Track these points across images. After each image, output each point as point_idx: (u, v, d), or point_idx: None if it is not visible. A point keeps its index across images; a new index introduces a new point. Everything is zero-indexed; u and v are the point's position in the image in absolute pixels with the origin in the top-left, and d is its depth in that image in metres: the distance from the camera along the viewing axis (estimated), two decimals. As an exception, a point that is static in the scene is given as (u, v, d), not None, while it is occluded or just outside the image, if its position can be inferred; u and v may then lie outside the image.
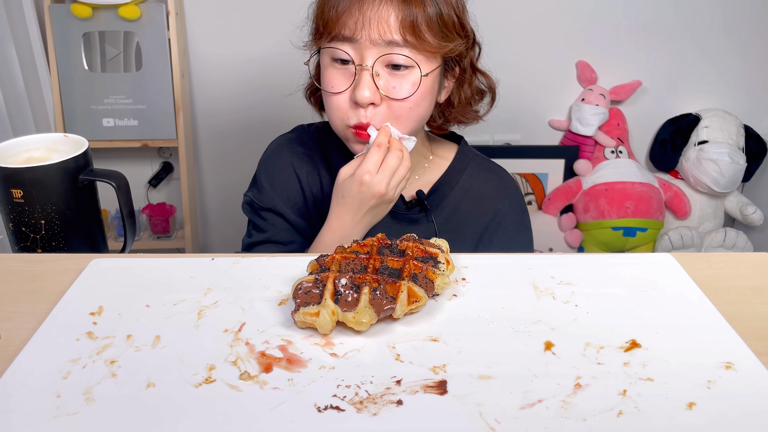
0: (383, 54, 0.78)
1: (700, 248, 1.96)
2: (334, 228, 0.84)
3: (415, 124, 0.84)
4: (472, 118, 0.92)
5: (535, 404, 0.45)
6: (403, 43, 0.77)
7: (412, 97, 0.80)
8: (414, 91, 0.79)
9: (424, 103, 0.82)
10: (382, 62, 0.78)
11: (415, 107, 0.81)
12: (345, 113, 0.82)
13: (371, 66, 0.78)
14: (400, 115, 0.81)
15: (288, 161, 0.95)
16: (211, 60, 1.91)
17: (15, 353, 0.50)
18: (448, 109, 0.90)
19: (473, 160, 0.96)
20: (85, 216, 0.68)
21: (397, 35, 0.77)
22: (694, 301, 0.57)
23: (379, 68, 0.79)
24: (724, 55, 1.98)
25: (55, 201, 0.64)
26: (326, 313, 0.51)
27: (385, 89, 0.79)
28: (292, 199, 0.94)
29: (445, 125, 0.93)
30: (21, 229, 0.63)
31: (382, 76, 0.79)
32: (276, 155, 0.97)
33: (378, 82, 0.79)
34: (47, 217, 0.63)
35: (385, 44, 0.77)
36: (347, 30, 0.78)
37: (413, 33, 0.77)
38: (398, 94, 0.79)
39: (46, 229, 0.63)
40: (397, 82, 0.79)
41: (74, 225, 0.66)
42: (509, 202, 0.95)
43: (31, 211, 0.63)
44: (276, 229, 0.94)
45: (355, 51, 0.79)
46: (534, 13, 1.90)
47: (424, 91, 0.81)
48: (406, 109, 0.80)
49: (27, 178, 0.62)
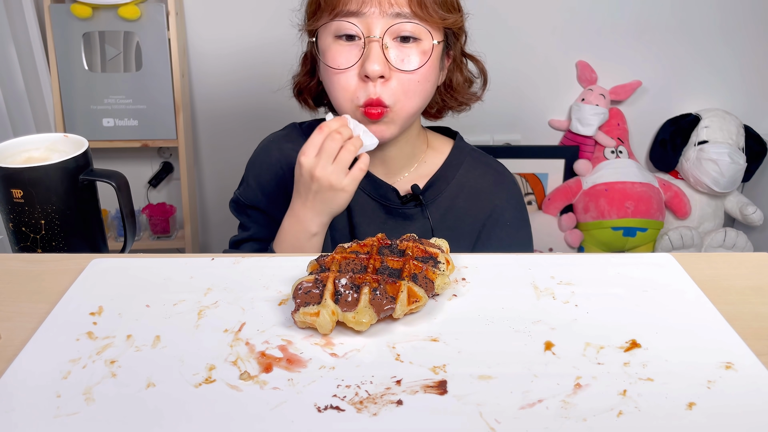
0: (392, 24, 0.77)
1: (700, 248, 1.96)
2: (290, 214, 0.83)
3: (422, 100, 0.84)
4: (472, 99, 0.93)
5: (535, 404, 0.45)
6: (410, 15, 0.78)
7: (421, 70, 0.80)
8: (425, 61, 0.79)
9: (431, 78, 0.83)
10: (391, 34, 0.78)
11: (423, 81, 0.81)
12: (353, 92, 0.80)
13: (381, 38, 0.77)
14: (408, 88, 0.80)
15: (276, 159, 0.94)
16: (211, 60, 1.91)
17: (15, 353, 0.50)
18: (449, 91, 0.91)
19: (469, 155, 0.95)
20: (85, 216, 0.68)
21: (405, 7, 0.77)
22: (694, 301, 0.57)
23: (387, 40, 0.78)
24: (724, 55, 1.98)
25: (55, 201, 0.64)
26: (326, 313, 0.51)
27: (395, 61, 0.79)
28: (280, 196, 0.93)
29: (442, 112, 0.93)
30: (21, 229, 0.63)
31: (391, 48, 0.79)
32: (264, 153, 0.96)
33: (387, 54, 0.78)
34: (47, 217, 0.63)
35: (392, 16, 0.77)
36: (353, 4, 0.77)
37: (419, 4, 0.77)
38: (408, 66, 0.79)
39: (46, 229, 0.63)
40: (406, 53, 0.79)
41: (74, 225, 0.66)
42: (507, 197, 0.93)
43: (31, 211, 0.63)
44: (259, 226, 0.94)
45: (362, 24, 0.78)
46: (534, 13, 1.90)
47: (433, 63, 0.81)
48: (414, 82, 0.80)
49: (27, 178, 0.62)
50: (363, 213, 0.91)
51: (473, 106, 0.95)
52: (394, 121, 0.82)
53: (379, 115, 0.80)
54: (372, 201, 0.91)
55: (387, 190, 0.91)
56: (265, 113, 1.95)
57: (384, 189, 0.91)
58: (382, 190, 0.91)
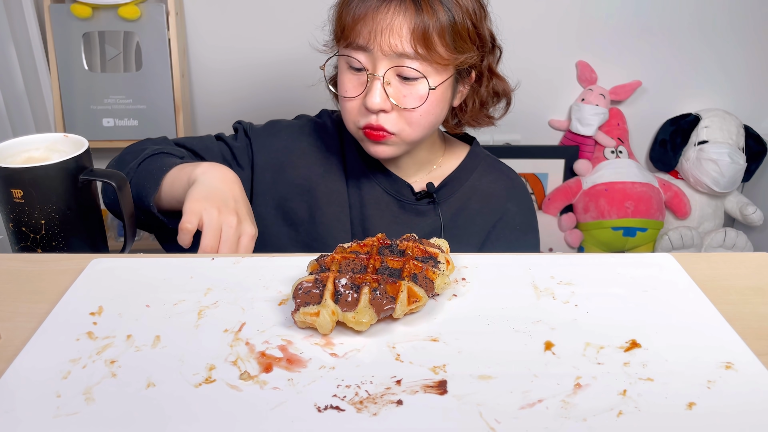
0: (393, 66, 0.79)
1: (700, 248, 1.96)
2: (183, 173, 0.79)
3: (426, 130, 0.85)
4: (484, 123, 0.93)
5: (535, 404, 0.45)
6: (414, 55, 0.78)
7: (421, 108, 0.81)
8: (422, 104, 0.81)
9: (435, 111, 0.84)
10: (393, 73, 0.80)
11: (425, 115, 0.83)
12: (356, 117, 0.84)
13: (382, 76, 0.80)
14: (411, 121, 0.83)
15: (305, 143, 0.96)
16: (211, 60, 1.91)
17: (15, 353, 0.50)
18: (462, 112, 0.91)
19: (484, 160, 0.97)
20: (86, 216, 0.68)
21: (408, 47, 0.78)
22: (694, 301, 0.57)
23: (390, 77, 0.80)
24: (724, 55, 1.98)
25: (55, 201, 0.64)
26: (326, 313, 0.51)
27: (395, 98, 0.81)
28: (298, 182, 0.93)
29: (459, 127, 0.94)
30: (21, 229, 0.63)
31: (393, 85, 0.81)
32: (296, 132, 0.97)
33: (388, 90, 0.80)
34: (47, 217, 0.63)
35: (396, 56, 0.79)
36: (361, 39, 0.79)
37: (424, 44, 0.78)
38: (407, 104, 0.81)
39: (46, 229, 0.63)
40: (407, 91, 0.81)
41: (74, 225, 0.66)
42: (517, 202, 0.96)
43: (31, 211, 0.63)
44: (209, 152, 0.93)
45: (368, 59, 0.80)
46: (534, 13, 1.90)
47: (434, 101, 0.82)
48: (416, 116, 0.82)
49: (27, 178, 0.62)
50: (377, 206, 0.93)
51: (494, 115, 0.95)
52: (397, 144, 0.85)
53: (381, 137, 0.82)
54: (387, 195, 0.94)
55: (402, 185, 0.93)
56: (265, 113, 1.95)
57: (399, 185, 0.93)
58: (397, 185, 0.93)
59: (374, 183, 0.94)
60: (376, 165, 0.94)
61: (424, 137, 0.87)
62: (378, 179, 0.94)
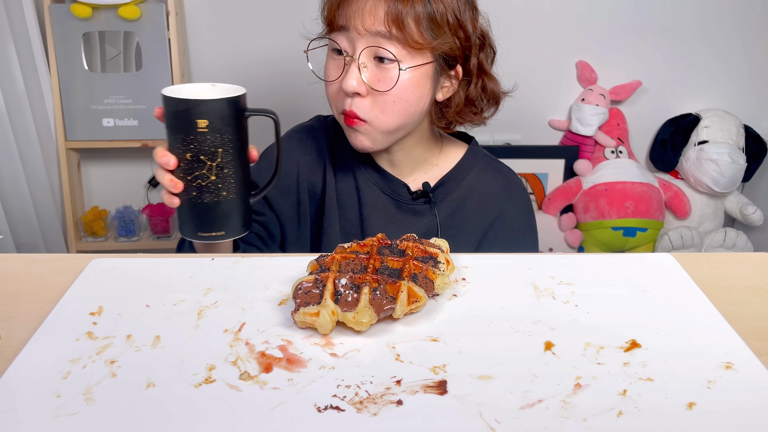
0: (369, 45, 0.80)
1: (700, 248, 1.96)
2: None
3: (401, 119, 0.84)
4: (471, 121, 0.92)
5: (535, 404, 0.45)
6: (389, 36, 0.79)
7: (393, 91, 0.81)
8: (393, 86, 0.81)
9: (409, 98, 0.83)
10: (370, 54, 0.81)
11: (398, 101, 0.82)
12: (337, 101, 0.86)
13: (358, 58, 0.81)
14: (384, 107, 0.83)
15: (293, 147, 0.97)
16: (211, 60, 1.91)
17: (15, 353, 0.50)
18: (447, 108, 0.90)
19: (482, 160, 0.97)
20: (244, 148, 0.74)
21: (382, 27, 0.79)
22: (694, 301, 0.57)
23: (366, 60, 0.81)
24: (724, 55, 1.98)
25: (229, 131, 0.70)
26: (326, 313, 0.51)
27: (370, 81, 0.81)
28: (282, 181, 0.95)
29: (449, 125, 0.93)
30: (200, 157, 0.70)
31: (369, 68, 0.81)
32: (284, 140, 0.98)
33: (364, 73, 0.81)
34: (224, 146, 0.70)
35: (372, 35, 0.80)
36: (342, 19, 0.81)
37: (398, 27, 0.79)
38: (380, 87, 0.82)
39: (222, 156, 0.70)
40: (381, 75, 0.81)
41: (240, 154, 0.73)
42: (515, 202, 0.95)
43: (213, 139, 0.69)
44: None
45: (348, 42, 0.82)
46: (534, 13, 1.90)
47: (408, 87, 0.82)
48: (389, 102, 0.82)
49: (214, 108, 0.69)
50: (374, 206, 0.94)
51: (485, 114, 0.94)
52: (371, 134, 0.85)
53: (354, 123, 0.84)
54: (383, 195, 0.94)
55: (398, 185, 0.93)
56: (265, 113, 1.95)
57: (395, 184, 0.93)
58: (393, 185, 0.93)
59: (371, 183, 0.94)
60: (372, 164, 0.94)
61: (400, 127, 0.86)
62: (374, 179, 0.94)
